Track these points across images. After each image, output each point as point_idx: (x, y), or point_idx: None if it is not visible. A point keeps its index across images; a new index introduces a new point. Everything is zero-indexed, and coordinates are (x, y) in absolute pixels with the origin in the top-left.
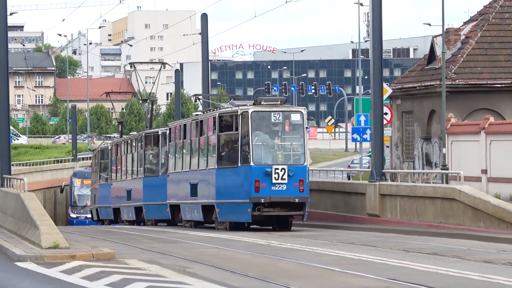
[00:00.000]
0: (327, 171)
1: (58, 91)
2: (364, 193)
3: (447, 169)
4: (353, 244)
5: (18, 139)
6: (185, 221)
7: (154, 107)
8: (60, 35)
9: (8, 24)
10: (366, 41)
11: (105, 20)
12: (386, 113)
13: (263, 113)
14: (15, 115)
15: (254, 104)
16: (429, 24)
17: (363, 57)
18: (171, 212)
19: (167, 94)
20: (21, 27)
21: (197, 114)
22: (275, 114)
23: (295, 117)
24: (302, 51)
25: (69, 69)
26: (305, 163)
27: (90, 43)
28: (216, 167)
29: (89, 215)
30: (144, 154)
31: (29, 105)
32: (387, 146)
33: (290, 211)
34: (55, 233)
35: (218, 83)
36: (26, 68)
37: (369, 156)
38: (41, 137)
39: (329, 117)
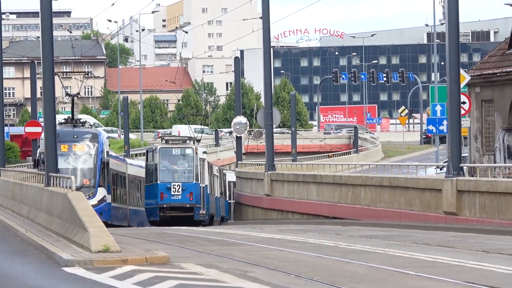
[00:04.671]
0: (400, 166)
1: (109, 81)
2: (440, 190)
3: None
4: (428, 245)
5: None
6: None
7: None
8: (110, 21)
9: (54, 10)
10: (442, 23)
11: (159, 4)
12: (464, 102)
13: (167, 149)
14: (63, 108)
15: (165, 142)
16: (511, 5)
17: (439, 41)
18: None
19: (227, 83)
20: (68, 13)
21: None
22: (175, 149)
23: (188, 151)
24: (372, 35)
25: (120, 57)
26: (194, 181)
27: (143, 30)
28: (145, 184)
29: (90, 202)
30: None
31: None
32: (465, 138)
33: (184, 213)
34: (105, 236)
35: (282, 71)
36: (74, 57)
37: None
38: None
39: (403, 107)
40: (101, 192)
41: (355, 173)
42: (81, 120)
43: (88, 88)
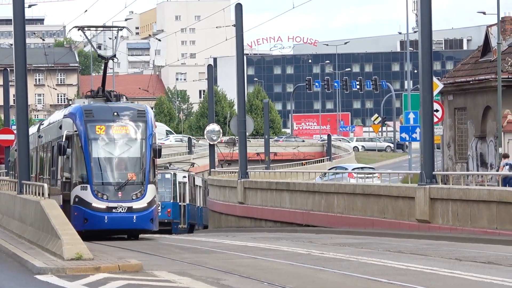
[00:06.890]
0: (373, 174)
1: (82, 89)
2: (413, 197)
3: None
4: (401, 252)
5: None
6: None
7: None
8: None
9: (27, 17)
10: (415, 31)
11: (132, 12)
12: (436, 110)
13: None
14: (36, 116)
15: None
16: (484, 13)
17: (412, 49)
18: None
19: (200, 91)
20: (41, 21)
21: None
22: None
23: (168, 176)
24: (345, 43)
25: (93, 65)
26: (172, 201)
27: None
28: None
29: (138, 205)
30: None
31: (50, 104)
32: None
33: (163, 227)
34: (78, 243)
35: (255, 79)
36: (47, 65)
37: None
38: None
39: (376, 115)
40: (152, 191)
41: (328, 181)
42: (115, 93)
43: (60, 96)
